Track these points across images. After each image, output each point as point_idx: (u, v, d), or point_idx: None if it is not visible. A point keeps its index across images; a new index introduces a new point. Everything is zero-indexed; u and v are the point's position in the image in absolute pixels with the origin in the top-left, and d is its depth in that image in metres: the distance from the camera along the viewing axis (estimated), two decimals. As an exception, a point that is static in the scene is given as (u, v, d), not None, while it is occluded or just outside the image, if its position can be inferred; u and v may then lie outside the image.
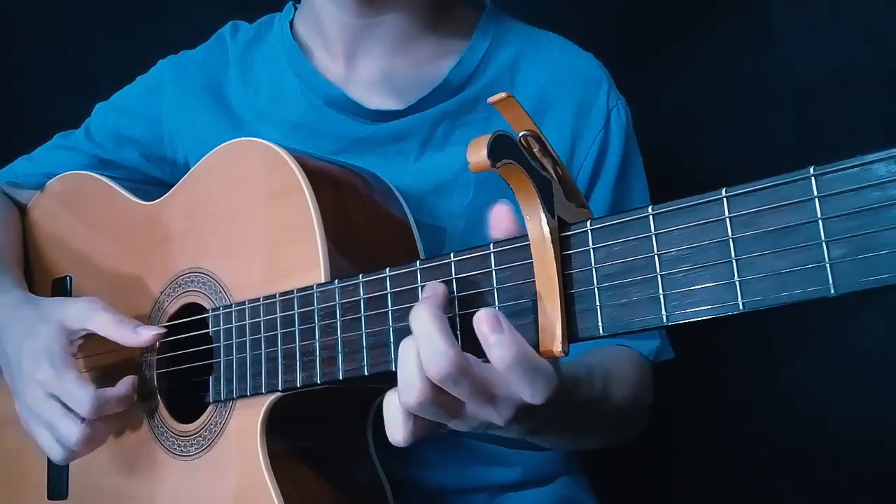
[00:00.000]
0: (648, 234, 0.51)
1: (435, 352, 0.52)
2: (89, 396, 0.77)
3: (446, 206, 0.88)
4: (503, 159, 0.52)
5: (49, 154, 1.07)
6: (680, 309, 0.49)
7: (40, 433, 0.81)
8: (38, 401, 0.80)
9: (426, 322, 0.53)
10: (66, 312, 0.82)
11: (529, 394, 0.53)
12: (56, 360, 0.79)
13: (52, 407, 0.79)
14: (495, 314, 0.52)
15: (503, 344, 0.52)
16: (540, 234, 0.54)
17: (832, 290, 0.44)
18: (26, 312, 0.85)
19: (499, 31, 0.93)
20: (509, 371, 0.52)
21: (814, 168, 0.45)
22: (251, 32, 1.01)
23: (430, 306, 0.54)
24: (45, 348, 0.80)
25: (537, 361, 0.53)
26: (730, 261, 0.48)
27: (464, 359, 0.53)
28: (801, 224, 0.45)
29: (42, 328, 0.82)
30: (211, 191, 0.84)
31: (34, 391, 0.80)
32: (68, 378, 0.78)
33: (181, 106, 1.00)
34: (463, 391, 0.54)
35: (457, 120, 0.90)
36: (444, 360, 0.52)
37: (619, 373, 0.82)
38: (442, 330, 0.53)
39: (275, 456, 0.73)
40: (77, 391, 0.78)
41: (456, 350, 0.53)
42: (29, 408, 0.81)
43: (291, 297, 0.71)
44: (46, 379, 0.79)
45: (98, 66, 1.42)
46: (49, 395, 0.79)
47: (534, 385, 0.53)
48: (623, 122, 0.92)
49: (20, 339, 0.83)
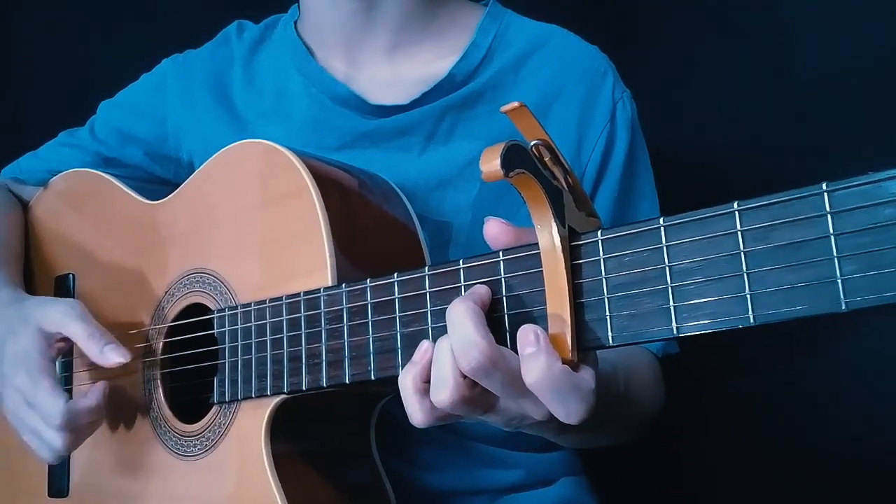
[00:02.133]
0: (659, 246, 0.51)
1: (467, 343, 0.53)
2: (59, 409, 0.77)
3: (452, 200, 0.89)
4: (516, 169, 0.52)
5: (54, 151, 1.07)
6: (690, 321, 0.50)
7: (26, 435, 0.82)
8: (19, 407, 0.80)
9: (461, 314, 0.54)
10: (45, 315, 0.82)
11: (563, 412, 0.53)
12: (32, 366, 0.79)
13: (32, 414, 0.79)
14: (535, 329, 0.53)
15: (534, 358, 0.52)
16: (551, 243, 0.54)
17: (843, 306, 0.44)
18: (10, 313, 0.85)
19: (503, 25, 0.94)
20: (539, 385, 0.52)
21: (826, 184, 0.45)
22: (257, 32, 1.02)
23: (467, 299, 0.55)
24: (23, 353, 0.80)
25: (571, 381, 0.52)
26: (741, 274, 0.48)
27: (497, 351, 0.53)
28: (813, 239, 0.46)
29: (22, 331, 0.82)
30: (216, 191, 0.84)
31: (15, 397, 0.81)
32: (41, 388, 0.78)
33: (186, 105, 1.00)
34: (495, 384, 0.54)
35: (461, 114, 0.90)
36: (475, 351, 0.52)
37: (637, 373, 0.83)
38: (477, 322, 0.53)
39: (279, 457, 0.73)
40: (48, 403, 0.78)
41: (489, 342, 0.53)
42: (12, 413, 0.82)
43: (298, 299, 0.71)
44: (23, 386, 0.79)
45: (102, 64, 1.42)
46: (28, 403, 0.80)
47: (566, 404, 0.52)
48: (629, 115, 0.92)
49: (2, 342, 0.83)
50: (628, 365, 0.80)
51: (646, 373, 0.86)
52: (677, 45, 1.23)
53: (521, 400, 0.55)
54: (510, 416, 0.57)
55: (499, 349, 0.53)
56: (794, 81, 1.14)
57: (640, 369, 0.84)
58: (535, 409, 0.55)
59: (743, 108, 1.18)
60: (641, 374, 0.84)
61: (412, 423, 0.58)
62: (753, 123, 1.17)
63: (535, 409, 0.55)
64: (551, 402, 0.53)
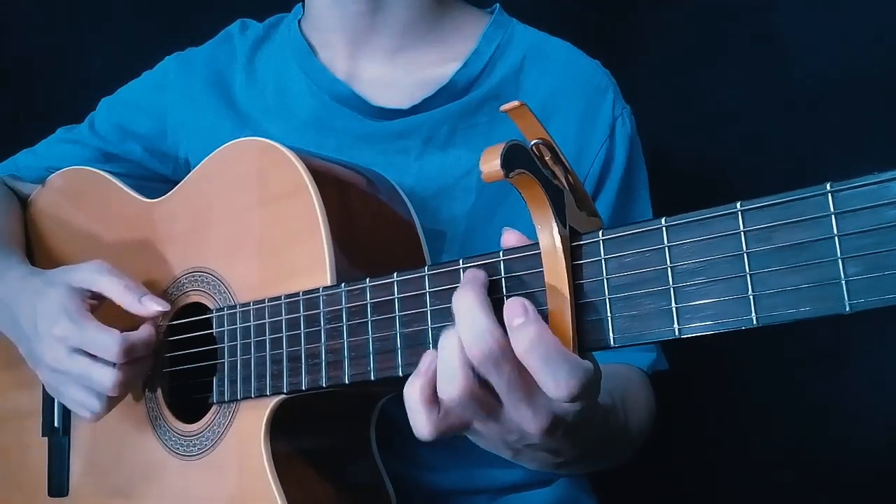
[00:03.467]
0: (661, 246, 0.51)
1: (480, 329, 0.52)
2: (116, 340, 0.76)
3: (447, 210, 0.88)
4: (516, 169, 0.51)
5: (52, 147, 1.06)
6: (693, 322, 0.49)
7: (70, 391, 0.80)
8: (62, 358, 0.78)
9: (470, 301, 0.53)
10: (74, 275, 0.81)
11: (552, 384, 0.51)
12: (73, 313, 0.78)
13: (78, 360, 0.78)
14: (522, 302, 0.52)
15: (523, 327, 0.51)
16: (551, 243, 0.54)
17: (847, 308, 0.44)
18: (34, 281, 0.84)
19: (506, 35, 0.93)
20: (528, 354, 0.51)
21: (830, 184, 0.45)
22: (260, 31, 1.02)
23: (473, 287, 0.54)
24: (59, 306, 0.79)
25: (562, 351, 0.51)
26: (744, 275, 0.47)
27: (507, 339, 0.52)
28: (817, 240, 0.45)
29: (51, 291, 0.80)
30: (215, 189, 0.83)
31: (56, 350, 0.78)
32: (90, 327, 0.77)
33: (186, 102, 1.00)
34: (502, 378, 0.53)
35: (460, 122, 0.90)
36: (489, 338, 0.52)
37: (633, 398, 0.82)
38: (488, 310, 0.53)
39: (278, 457, 0.73)
40: (103, 337, 0.76)
41: (500, 329, 0.52)
42: (53, 368, 0.80)
43: (297, 299, 0.70)
44: (67, 333, 0.78)
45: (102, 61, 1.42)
46: (72, 350, 0.78)
47: (556, 375, 0.51)
48: (628, 132, 0.92)
49: (32, 305, 0.81)
50: (625, 392, 0.80)
51: (640, 396, 0.86)
52: (679, 46, 1.23)
53: (521, 406, 0.54)
54: (510, 428, 0.56)
55: (508, 338, 0.52)
56: (797, 82, 1.14)
57: (635, 394, 0.84)
58: (533, 419, 0.54)
59: (746, 109, 1.18)
60: (637, 398, 0.84)
61: (418, 436, 0.57)
62: (756, 124, 1.17)
63: (533, 419, 0.54)
64: (541, 371, 0.51)
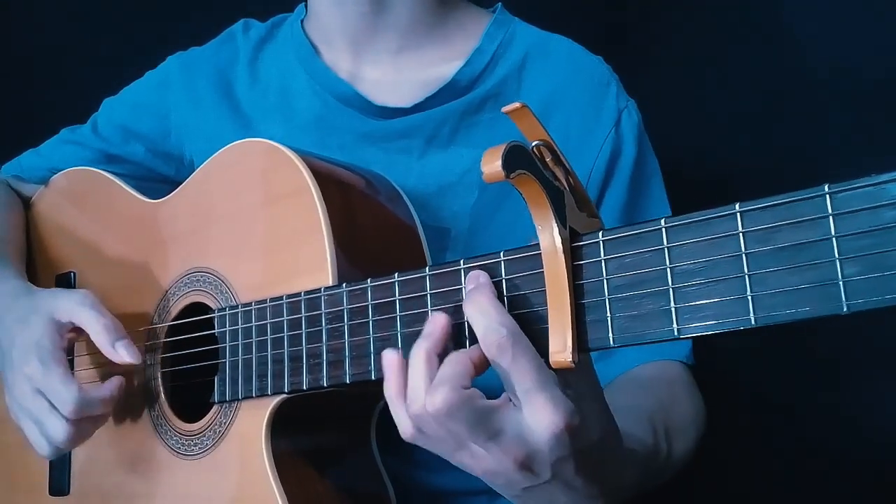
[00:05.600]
0: (661, 247, 0.51)
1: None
2: (73, 396, 0.77)
3: (450, 207, 0.89)
4: (517, 170, 0.52)
5: (55, 148, 1.06)
6: (692, 322, 0.50)
7: (27, 427, 0.81)
8: (26, 395, 0.79)
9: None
10: (57, 305, 0.82)
11: (507, 364, 0.53)
12: (45, 354, 0.79)
13: (39, 403, 0.79)
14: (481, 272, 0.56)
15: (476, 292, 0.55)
16: (552, 244, 0.54)
17: (845, 308, 0.44)
18: (22, 303, 0.85)
19: (508, 33, 0.94)
20: (473, 318, 0.54)
21: (829, 186, 0.45)
22: (263, 31, 1.02)
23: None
24: (35, 342, 0.80)
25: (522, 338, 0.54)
26: (743, 276, 0.48)
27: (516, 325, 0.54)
28: (816, 241, 0.45)
29: (34, 320, 0.81)
30: (218, 190, 0.84)
31: (22, 385, 0.80)
32: (54, 374, 0.78)
33: (190, 102, 1.00)
34: (507, 373, 0.53)
35: (462, 120, 0.90)
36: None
37: (679, 416, 0.80)
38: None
39: (279, 457, 0.73)
40: (61, 390, 0.77)
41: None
42: (17, 401, 0.81)
43: (298, 299, 0.71)
44: (34, 374, 0.78)
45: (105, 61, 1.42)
46: (36, 391, 0.79)
47: (516, 361, 0.53)
48: (635, 122, 0.92)
49: (13, 331, 0.82)
50: (669, 414, 0.77)
51: (686, 409, 0.83)
52: (679, 47, 1.23)
53: (532, 393, 0.53)
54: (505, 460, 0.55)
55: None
56: (796, 83, 1.15)
57: (681, 412, 0.81)
58: (555, 410, 0.53)
59: (744, 110, 1.18)
60: (683, 415, 0.81)
61: (402, 434, 0.59)
62: (755, 125, 1.17)
63: (555, 410, 0.53)
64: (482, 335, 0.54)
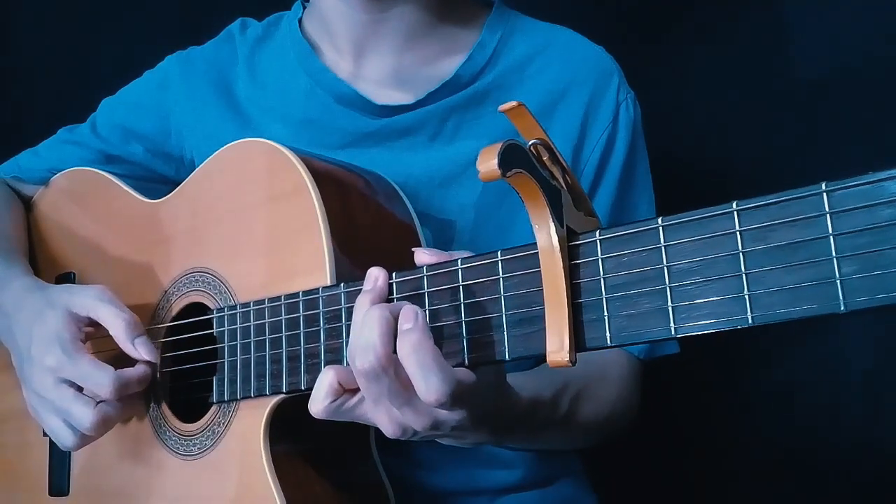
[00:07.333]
0: (658, 246, 0.51)
1: (365, 343, 0.58)
2: (110, 377, 0.76)
3: (455, 199, 0.89)
4: (513, 169, 0.52)
5: (54, 149, 1.06)
6: (688, 321, 0.50)
7: (50, 419, 0.81)
8: (48, 387, 0.79)
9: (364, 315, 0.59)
10: (73, 299, 0.81)
11: (424, 388, 0.56)
12: (67, 345, 0.78)
13: (63, 392, 0.78)
14: (414, 309, 0.58)
15: (409, 333, 0.57)
16: (549, 243, 0.54)
17: (842, 307, 0.44)
18: (36, 298, 0.84)
19: (508, 26, 0.94)
20: (407, 358, 0.57)
21: (826, 184, 0.45)
22: (260, 30, 1.01)
23: (370, 297, 0.62)
24: (54, 334, 0.79)
25: (439, 360, 0.57)
26: (740, 274, 0.48)
27: (388, 352, 0.58)
28: (812, 240, 0.45)
29: (49, 314, 0.81)
30: (216, 190, 0.84)
31: (43, 378, 0.79)
32: (83, 361, 0.77)
33: (188, 101, 1.00)
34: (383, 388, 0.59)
35: (466, 114, 0.90)
36: (372, 353, 0.58)
37: (596, 387, 0.84)
38: (378, 322, 0.59)
39: (278, 457, 0.73)
40: (96, 373, 0.77)
41: (384, 345, 0.58)
42: (38, 394, 0.80)
43: (297, 299, 0.71)
44: (58, 364, 0.78)
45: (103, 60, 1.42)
46: (60, 381, 0.78)
47: (427, 380, 0.56)
48: (631, 117, 0.92)
49: (29, 325, 0.82)
50: (587, 381, 0.82)
51: (610, 386, 0.87)
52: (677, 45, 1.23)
53: (405, 409, 0.60)
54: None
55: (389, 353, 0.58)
56: (794, 81, 1.14)
57: (602, 384, 0.85)
58: (416, 420, 0.60)
59: (742, 108, 1.18)
60: (603, 388, 0.85)
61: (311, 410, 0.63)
62: (753, 123, 1.17)
63: (416, 420, 0.60)
64: (416, 375, 0.57)
